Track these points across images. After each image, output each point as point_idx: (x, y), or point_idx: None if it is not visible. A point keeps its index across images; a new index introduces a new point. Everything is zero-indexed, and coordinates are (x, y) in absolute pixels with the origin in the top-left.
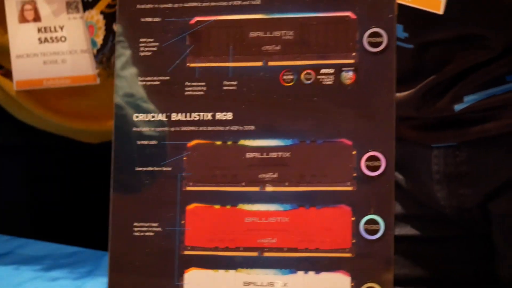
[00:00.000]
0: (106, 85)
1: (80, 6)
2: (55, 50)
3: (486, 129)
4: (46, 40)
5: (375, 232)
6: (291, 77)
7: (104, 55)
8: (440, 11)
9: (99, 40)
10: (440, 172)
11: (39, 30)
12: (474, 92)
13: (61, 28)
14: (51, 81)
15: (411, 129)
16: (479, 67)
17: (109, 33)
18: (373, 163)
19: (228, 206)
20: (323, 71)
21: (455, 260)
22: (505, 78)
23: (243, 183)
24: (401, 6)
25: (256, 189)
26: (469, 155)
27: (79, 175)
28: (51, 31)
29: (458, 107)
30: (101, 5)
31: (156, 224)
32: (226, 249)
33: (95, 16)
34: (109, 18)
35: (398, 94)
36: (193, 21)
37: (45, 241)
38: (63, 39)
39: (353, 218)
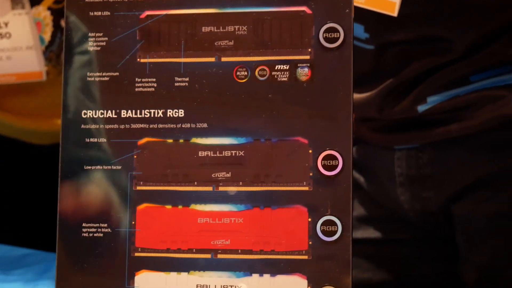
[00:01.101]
0: (56, 83)
1: (26, 1)
2: (0, 47)
3: (450, 130)
4: None
5: (332, 233)
6: (244, 73)
7: (53, 52)
8: (395, 13)
9: (47, 36)
10: (403, 175)
11: None
12: (438, 92)
13: (6, 24)
14: None
15: (372, 131)
16: (441, 67)
17: (57, 29)
18: (329, 162)
19: (180, 207)
20: (278, 67)
21: (419, 262)
22: (469, 79)
23: (196, 183)
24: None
25: (209, 188)
26: (432, 157)
27: (30, 178)
28: None
29: (421, 108)
30: (48, 1)
31: (105, 225)
32: (178, 250)
33: (42, 12)
34: (57, 14)
35: (359, 95)
36: (143, 15)
37: None
38: (7, 35)
39: (309, 219)
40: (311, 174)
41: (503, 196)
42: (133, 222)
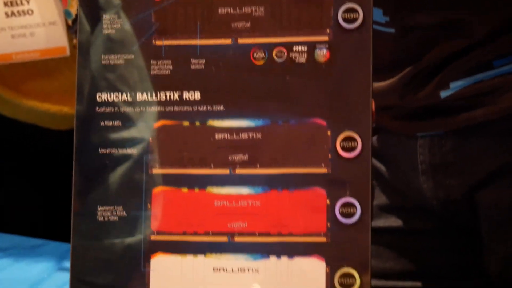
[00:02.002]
0: (75, 66)
1: None
2: (23, 24)
3: (474, 116)
4: (13, 14)
5: (351, 215)
6: (262, 55)
7: None
8: None
9: (73, 10)
10: (426, 163)
11: (5, 4)
12: (461, 78)
13: (28, 1)
14: (20, 55)
15: (394, 119)
16: (464, 52)
17: None
18: (348, 144)
19: (196, 190)
20: (295, 48)
21: (441, 252)
22: (492, 64)
23: (212, 166)
24: None
25: (226, 171)
26: (455, 144)
27: (47, 165)
28: (17, 4)
29: (444, 93)
30: None
31: (120, 208)
32: (195, 234)
33: None
34: None
35: (380, 83)
36: None
37: (9, 233)
38: (30, 12)
39: (328, 201)
40: (329, 156)
41: None
42: (149, 205)
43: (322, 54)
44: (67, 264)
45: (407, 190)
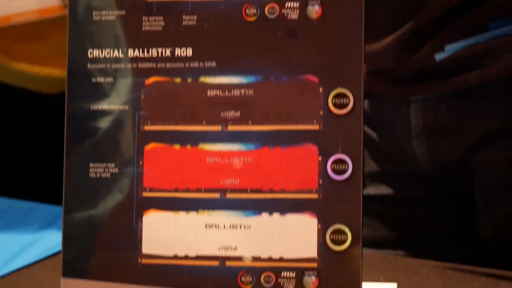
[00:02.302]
0: (65, 28)
1: None
2: None
3: (469, 79)
4: None
5: (343, 172)
6: (254, 11)
7: None
8: None
9: None
10: (420, 126)
11: None
12: (456, 40)
13: None
14: (19, 16)
15: (388, 83)
16: (460, 13)
17: None
18: (340, 100)
19: (188, 146)
20: (288, 4)
21: (435, 220)
22: (488, 26)
23: (204, 122)
24: None
25: (218, 128)
26: (450, 107)
27: (39, 129)
28: None
29: (439, 56)
30: None
31: (112, 165)
32: (187, 190)
33: None
34: None
35: (375, 44)
36: None
37: (1, 196)
38: None
39: (319, 158)
40: (321, 112)
41: None
42: (141, 162)
43: (314, 10)
44: (59, 226)
45: (400, 156)
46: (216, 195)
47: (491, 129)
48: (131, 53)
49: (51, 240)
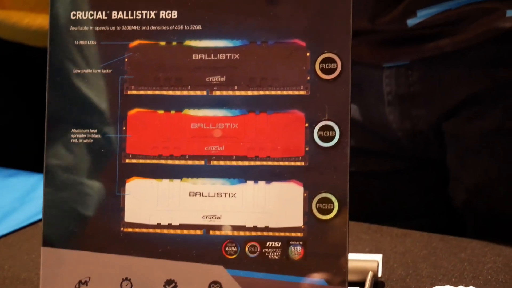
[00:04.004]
0: None
1: None
2: None
3: (441, 45)
4: None
5: (330, 139)
6: None
7: None
8: None
9: None
10: (392, 94)
11: None
12: (428, 6)
13: None
14: None
15: (360, 46)
16: None
17: None
18: (328, 65)
19: (172, 112)
20: None
21: (407, 191)
22: None
23: (189, 87)
24: None
25: (203, 93)
26: (422, 74)
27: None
28: None
29: (411, 22)
30: None
31: (95, 131)
32: (171, 157)
33: None
34: None
35: None
36: None
37: None
38: None
39: (306, 125)
40: (308, 78)
41: (495, 112)
42: (124, 128)
43: None
44: (39, 193)
45: (372, 123)
46: (201, 162)
47: (463, 96)
48: (114, 15)
49: (30, 209)
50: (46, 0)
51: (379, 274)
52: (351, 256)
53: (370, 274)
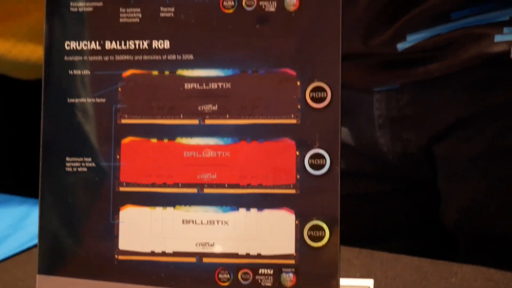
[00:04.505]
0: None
1: None
2: None
3: (430, 70)
4: None
5: (320, 167)
6: (231, 3)
7: None
8: None
9: None
10: (383, 117)
11: None
12: (418, 30)
13: None
14: None
15: (354, 69)
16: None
17: None
18: (318, 94)
19: (165, 140)
20: None
21: (398, 212)
22: (450, 16)
23: (182, 116)
24: None
25: (195, 122)
26: (412, 97)
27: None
28: None
29: (401, 46)
30: None
31: (89, 159)
32: (164, 185)
33: None
34: None
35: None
36: None
37: None
38: None
39: (297, 153)
40: (299, 106)
41: (484, 135)
42: (118, 156)
43: (291, 3)
44: (34, 219)
45: (362, 147)
46: (194, 190)
47: (452, 120)
48: (108, 45)
49: (25, 234)
50: (33, 30)
51: None
52: (343, 281)
53: None
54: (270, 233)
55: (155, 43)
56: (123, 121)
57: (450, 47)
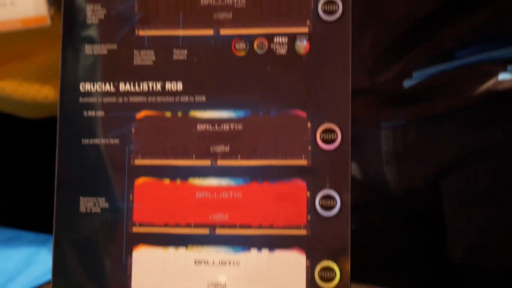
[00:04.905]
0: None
1: None
2: None
3: (435, 107)
4: None
5: (331, 208)
6: (243, 46)
7: None
8: None
9: None
10: (390, 153)
11: None
12: (423, 67)
13: None
14: (2, 25)
15: (362, 105)
16: (426, 36)
17: None
18: (328, 135)
19: (178, 181)
20: (276, 40)
21: (407, 248)
22: (454, 54)
23: (194, 157)
24: None
25: (208, 163)
26: (418, 133)
27: (25, 154)
28: None
29: (407, 83)
30: None
31: (103, 199)
32: (176, 225)
33: None
34: None
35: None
36: None
37: None
38: None
39: (308, 194)
40: (309, 148)
41: (488, 171)
42: (131, 197)
43: (302, 45)
44: (45, 255)
45: (371, 181)
46: (206, 231)
47: (456, 156)
48: (122, 87)
49: (37, 270)
50: (40, 70)
51: None
52: None
53: None
54: (281, 273)
55: (168, 85)
56: (137, 162)
57: (455, 85)
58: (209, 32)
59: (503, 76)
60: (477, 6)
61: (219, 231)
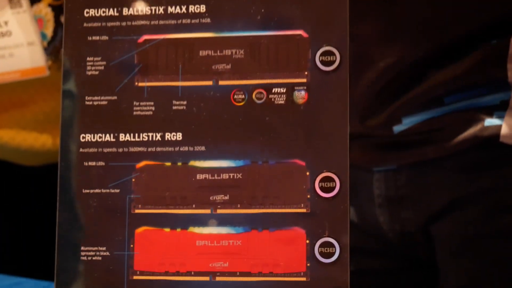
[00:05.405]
0: (46, 96)
1: (24, 0)
2: (2, 45)
3: (425, 152)
4: None
5: (330, 255)
6: (242, 96)
7: (55, 47)
8: None
9: (49, 32)
10: (382, 196)
11: None
12: (413, 113)
13: (6, 23)
14: (1, 77)
15: (355, 148)
16: (415, 81)
17: (58, 24)
18: (327, 184)
19: (178, 229)
20: (275, 90)
21: None
22: (443, 100)
23: (194, 205)
24: None
25: (207, 211)
26: (409, 178)
27: (22, 202)
28: None
29: (397, 128)
30: None
31: (104, 248)
32: (177, 273)
33: (43, 9)
34: (57, 10)
35: None
36: (141, 39)
37: None
38: (8, 33)
39: (307, 241)
40: (308, 196)
41: (478, 216)
42: (132, 245)
43: (300, 95)
44: None
45: (363, 224)
46: (206, 278)
47: (447, 201)
48: (122, 137)
49: None
50: (37, 119)
51: None
52: None
53: None
54: None
55: (167, 135)
56: (137, 211)
57: (444, 130)
58: (208, 83)
59: (489, 122)
60: (463, 53)
61: (219, 279)
